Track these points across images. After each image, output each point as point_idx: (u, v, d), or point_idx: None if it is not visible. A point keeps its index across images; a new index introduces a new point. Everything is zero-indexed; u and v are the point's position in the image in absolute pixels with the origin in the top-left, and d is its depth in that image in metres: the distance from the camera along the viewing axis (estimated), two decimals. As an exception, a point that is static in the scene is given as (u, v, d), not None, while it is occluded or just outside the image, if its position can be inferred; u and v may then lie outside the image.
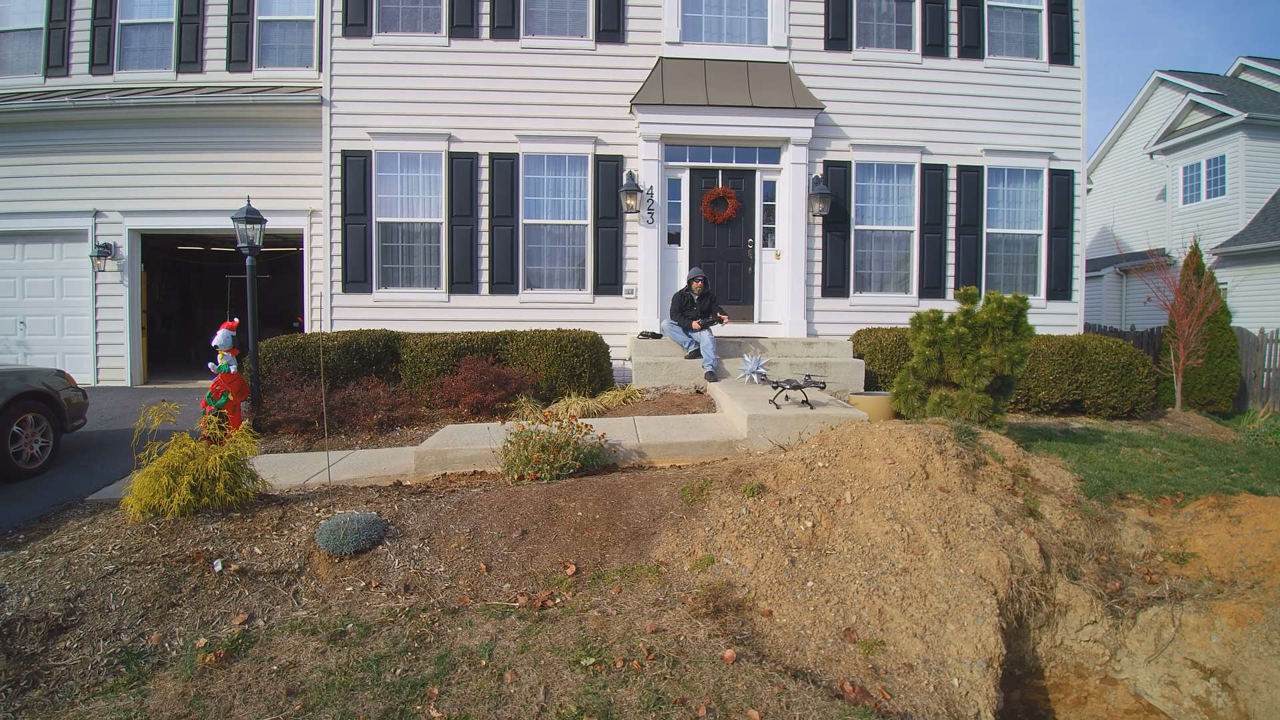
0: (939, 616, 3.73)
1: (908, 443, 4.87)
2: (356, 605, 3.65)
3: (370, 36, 9.36)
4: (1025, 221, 10.03)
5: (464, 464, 5.61)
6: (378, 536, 4.08)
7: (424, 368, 7.90)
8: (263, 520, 4.18)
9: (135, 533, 3.94)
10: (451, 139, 9.40)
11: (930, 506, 4.40)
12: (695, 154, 9.56)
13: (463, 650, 3.20)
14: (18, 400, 5.81)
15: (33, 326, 10.18)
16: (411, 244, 9.51)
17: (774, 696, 2.93)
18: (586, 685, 2.95)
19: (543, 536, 4.25)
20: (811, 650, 3.50)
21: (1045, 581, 4.19)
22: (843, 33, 9.65)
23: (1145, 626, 4.06)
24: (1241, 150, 15.34)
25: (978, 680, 3.46)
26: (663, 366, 8.07)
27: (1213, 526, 4.73)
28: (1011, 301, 5.80)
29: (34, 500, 5.23)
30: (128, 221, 9.97)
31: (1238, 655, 3.66)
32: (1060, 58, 9.93)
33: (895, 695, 3.27)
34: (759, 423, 5.71)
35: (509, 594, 3.82)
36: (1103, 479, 5.42)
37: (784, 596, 3.82)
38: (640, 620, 3.49)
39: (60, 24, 10.20)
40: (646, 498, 4.59)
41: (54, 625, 3.32)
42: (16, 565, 3.72)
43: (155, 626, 3.42)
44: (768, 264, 9.78)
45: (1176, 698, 3.89)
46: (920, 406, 6.20)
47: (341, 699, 2.88)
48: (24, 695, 3.00)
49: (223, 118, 9.80)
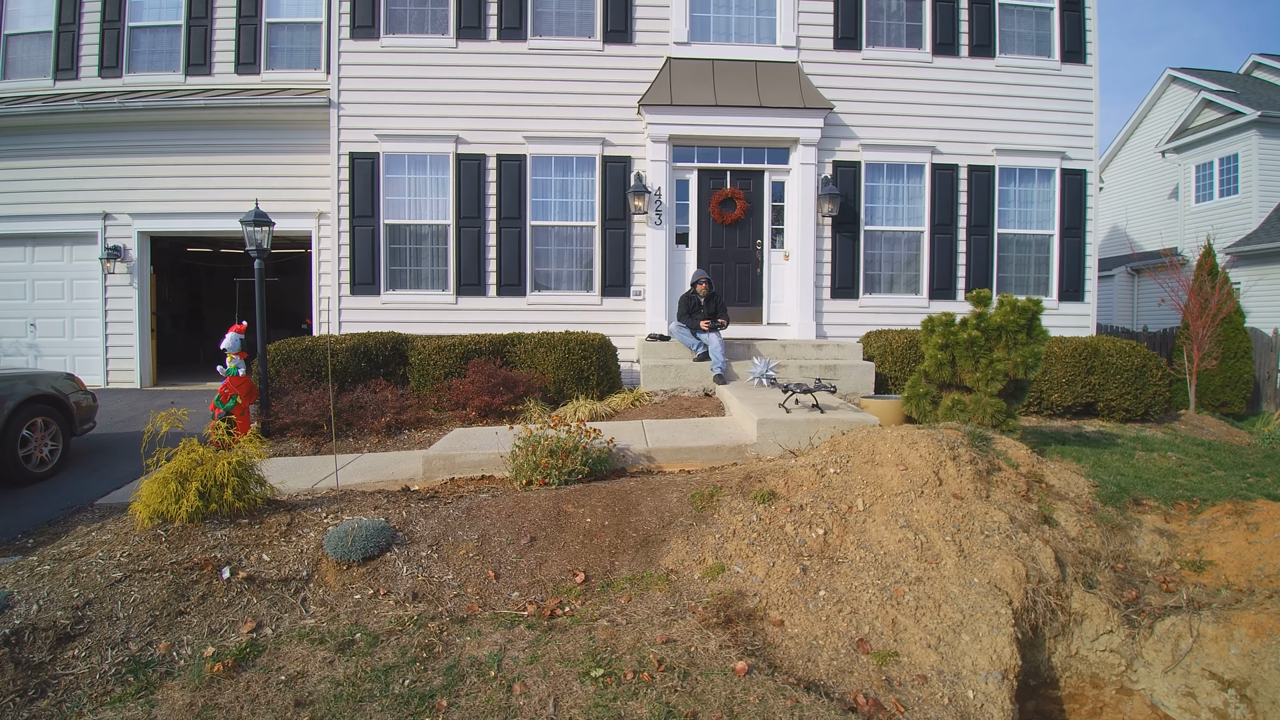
0: (953, 627, 3.68)
1: (920, 448, 4.81)
2: (364, 614, 3.63)
3: (378, 38, 9.35)
4: (1037, 222, 9.93)
5: (472, 468, 5.59)
6: (386, 543, 4.06)
7: (432, 370, 7.88)
8: (271, 526, 4.16)
9: (143, 539, 3.93)
10: (459, 140, 9.38)
11: (944, 514, 4.35)
12: (703, 155, 9.51)
13: (471, 660, 3.17)
14: (28, 404, 5.82)
15: (43, 329, 10.22)
16: (419, 246, 9.49)
17: (786, 710, 2.89)
18: (596, 697, 2.92)
19: (551, 543, 4.22)
20: (824, 661, 3.45)
21: (1061, 590, 4.13)
22: (852, 32, 9.58)
23: (1162, 636, 3.99)
24: (1255, 148, 15.17)
25: (993, 692, 3.41)
26: (671, 369, 8.02)
27: (1230, 534, 4.66)
28: (1025, 304, 5.73)
29: (43, 504, 5.24)
30: (137, 224, 10.00)
31: (1257, 667, 3.59)
32: (1072, 56, 9.82)
33: (909, 708, 3.22)
34: (769, 427, 5.67)
35: (518, 602, 3.79)
36: (1118, 485, 5.34)
37: (796, 606, 3.77)
38: (650, 630, 3.45)
39: (69, 27, 10.24)
40: (656, 504, 4.55)
41: (62, 633, 3.31)
42: (25, 572, 3.72)
43: (163, 635, 3.41)
44: (776, 265, 9.72)
45: (1194, 709, 3.82)
46: (932, 411, 6.13)
47: (349, 710, 2.86)
48: (32, 705, 2.99)
49: (231, 120, 9.81)
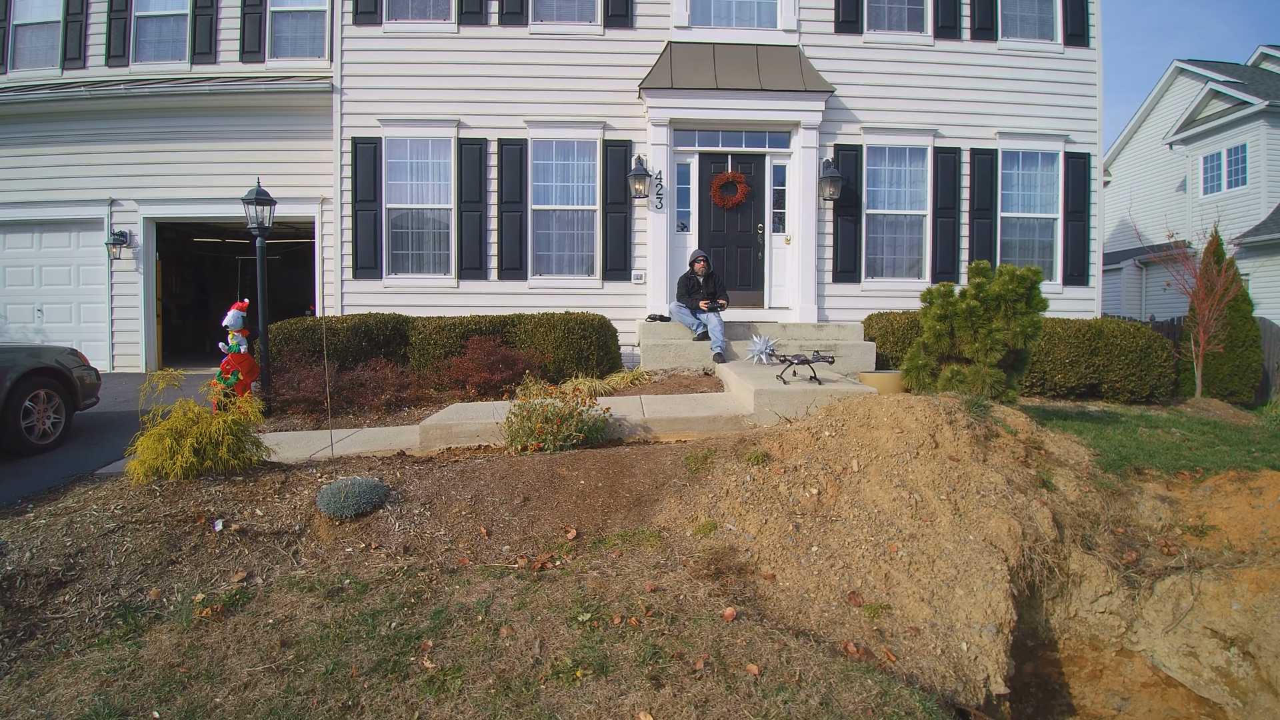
0: (947, 581, 3.64)
1: (917, 412, 4.78)
2: (355, 565, 3.63)
3: (380, 24, 9.40)
4: (1041, 205, 9.86)
5: (469, 438, 5.58)
6: (379, 500, 4.06)
7: (432, 349, 7.89)
8: (265, 484, 4.17)
9: (138, 494, 3.94)
10: (461, 125, 9.41)
11: (939, 474, 4.31)
12: (704, 139, 9.50)
13: (459, 607, 3.16)
14: (30, 376, 5.87)
15: (50, 314, 10.31)
16: (421, 230, 9.52)
17: (774, 652, 2.86)
18: (583, 639, 2.90)
19: (544, 503, 4.21)
20: (815, 613, 3.42)
21: (1059, 550, 4.08)
22: (853, 15, 9.55)
23: (1163, 596, 3.94)
24: (1263, 139, 15.03)
25: (987, 645, 3.36)
26: (670, 348, 8.00)
27: (1233, 499, 4.59)
28: (1024, 274, 5.69)
29: (44, 474, 5.27)
30: (143, 210, 10.08)
31: (1259, 621, 3.54)
32: (1075, 39, 9.76)
33: (901, 657, 3.19)
34: (766, 397, 5.64)
35: (508, 556, 3.78)
36: (1119, 454, 5.28)
37: (788, 561, 3.74)
38: (640, 580, 3.43)
39: (77, 17, 10.34)
40: (650, 467, 4.54)
41: (53, 580, 3.32)
42: (21, 525, 3.73)
43: (154, 582, 3.41)
44: (778, 249, 9.69)
45: (1196, 668, 3.77)
46: (931, 383, 6.09)
47: (335, 650, 2.85)
48: (20, 646, 2.99)
49: (235, 107, 9.89)
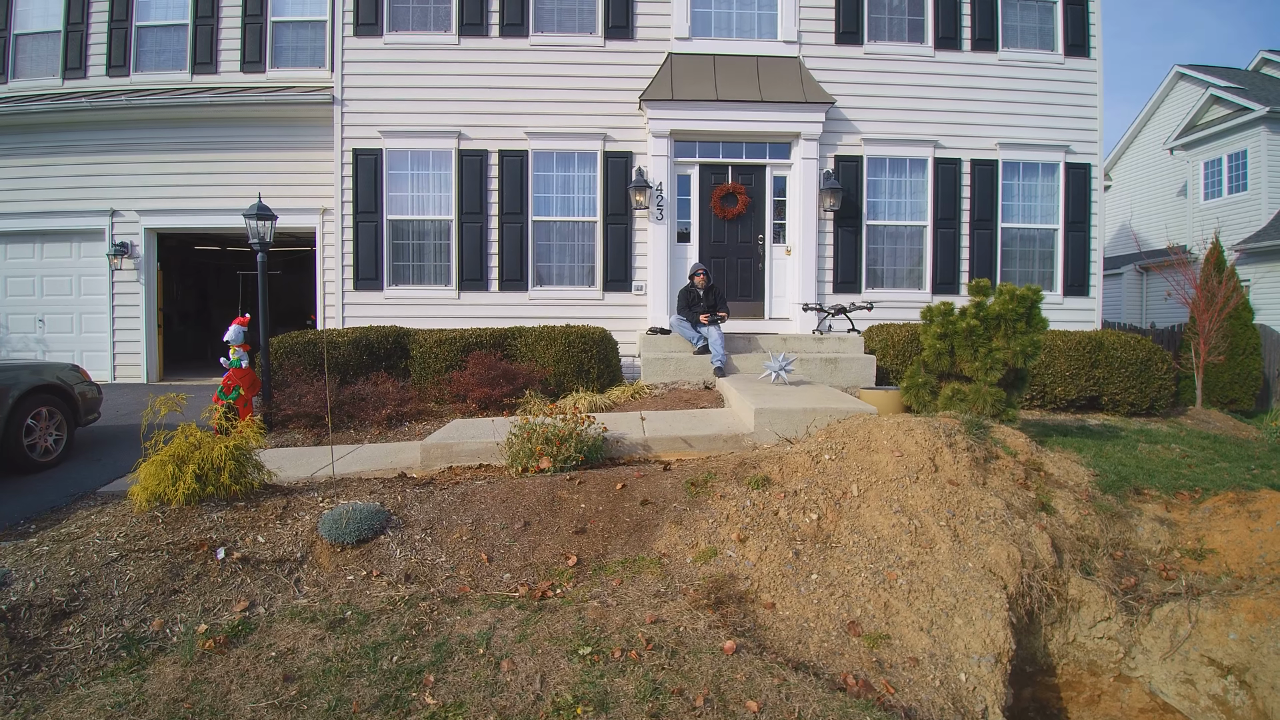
0: (946, 610, 3.66)
1: (916, 435, 4.79)
2: (357, 594, 3.65)
3: (381, 35, 9.42)
4: (1041, 216, 9.87)
5: (470, 457, 5.60)
6: (380, 526, 4.08)
7: (433, 363, 7.91)
8: (266, 510, 4.19)
9: (140, 521, 3.96)
10: (461, 137, 9.43)
11: (939, 499, 4.33)
12: (705, 150, 9.51)
13: (460, 639, 3.18)
14: (32, 394, 5.89)
15: (51, 324, 10.34)
16: (422, 241, 9.54)
17: (773, 688, 2.88)
18: (583, 674, 2.92)
19: (545, 528, 4.23)
20: (814, 643, 3.44)
21: (1057, 576, 4.10)
22: (854, 26, 9.56)
23: (1161, 623, 3.95)
24: (1263, 145, 15.04)
25: (985, 675, 3.38)
26: (671, 362, 8.02)
27: (1231, 522, 4.61)
28: (1024, 293, 5.70)
29: (46, 492, 5.29)
30: (144, 220, 10.10)
31: (1256, 652, 3.55)
32: (1076, 49, 9.77)
33: (900, 689, 3.20)
34: (766, 416, 5.65)
35: (509, 584, 3.80)
36: (1119, 474, 5.30)
37: (787, 589, 3.76)
38: (640, 611, 3.45)
39: (78, 27, 10.36)
40: (650, 490, 4.55)
41: (57, 610, 3.34)
42: (24, 553, 3.76)
43: (157, 612, 3.43)
44: (778, 260, 9.71)
45: (1193, 696, 3.78)
46: (931, 401, 6.11)
47: (338, 685, 2.87)
48: (25, 679, 3.02)
49: (236, 117, 9.90)
